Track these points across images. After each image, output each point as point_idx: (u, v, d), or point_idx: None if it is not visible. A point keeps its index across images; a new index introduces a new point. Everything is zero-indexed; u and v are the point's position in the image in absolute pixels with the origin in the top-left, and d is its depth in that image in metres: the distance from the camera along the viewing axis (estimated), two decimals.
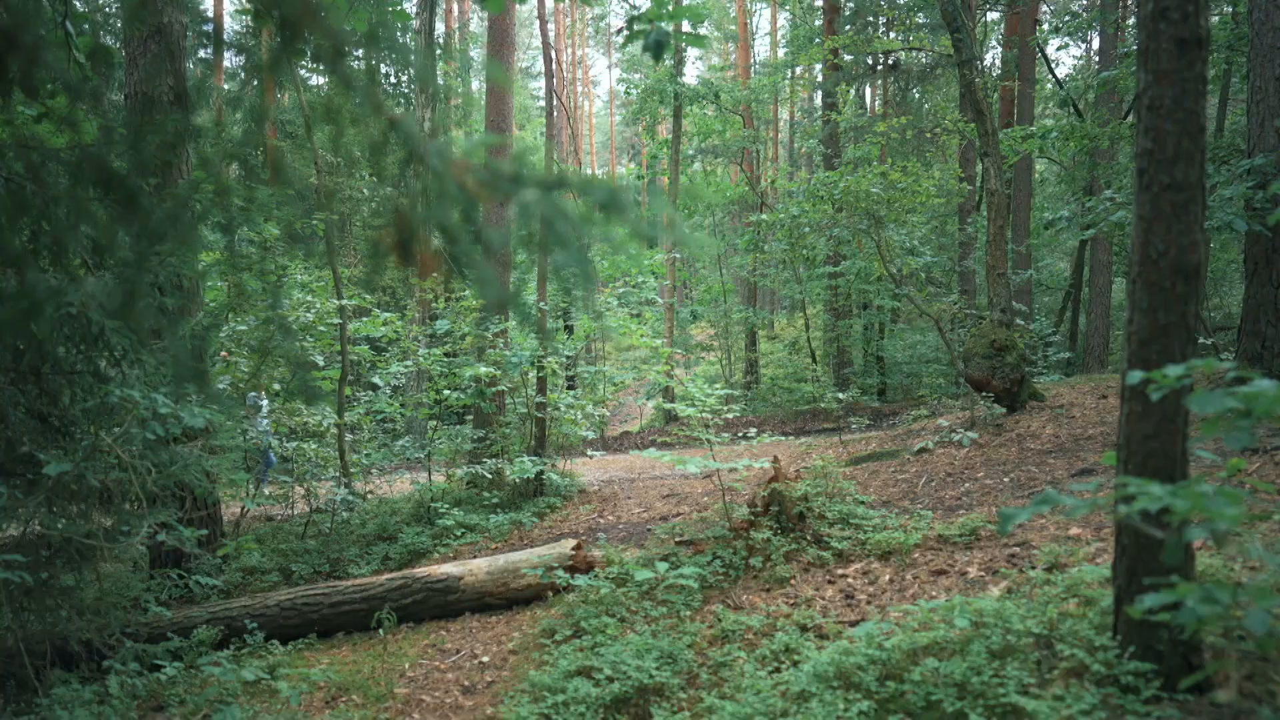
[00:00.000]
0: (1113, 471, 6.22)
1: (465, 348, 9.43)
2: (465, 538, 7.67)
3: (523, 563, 5.67)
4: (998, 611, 3.37)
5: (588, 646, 4.39)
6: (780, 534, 5.34)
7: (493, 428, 9.17)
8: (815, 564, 5.01)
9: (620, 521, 7.65)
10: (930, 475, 7.06)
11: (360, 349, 9.93)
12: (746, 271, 19.01)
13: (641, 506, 8.29)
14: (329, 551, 7.65)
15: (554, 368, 9.06)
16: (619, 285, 11.11)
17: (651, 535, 6.69)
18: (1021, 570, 4.26)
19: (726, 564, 5.18)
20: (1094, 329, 17.10)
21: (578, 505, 8.68)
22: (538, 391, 9.13)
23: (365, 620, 5.60)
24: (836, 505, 5.53)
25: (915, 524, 5.19)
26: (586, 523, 7.82)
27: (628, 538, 6.88)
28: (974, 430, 7.97)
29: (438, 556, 7.45)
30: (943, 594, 4.27)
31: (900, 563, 4.78)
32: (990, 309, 8.41)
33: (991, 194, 8.21)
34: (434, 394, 8.80)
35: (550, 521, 8.08)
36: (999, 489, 6.28)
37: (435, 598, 5.62)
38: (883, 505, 6.29)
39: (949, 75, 19.75)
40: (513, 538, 7.64)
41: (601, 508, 8.43)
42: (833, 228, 8.70)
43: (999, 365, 8.20)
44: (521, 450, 9.37)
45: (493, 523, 7.71)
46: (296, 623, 5.60)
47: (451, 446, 8.92)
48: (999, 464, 6.99)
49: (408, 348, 8.73)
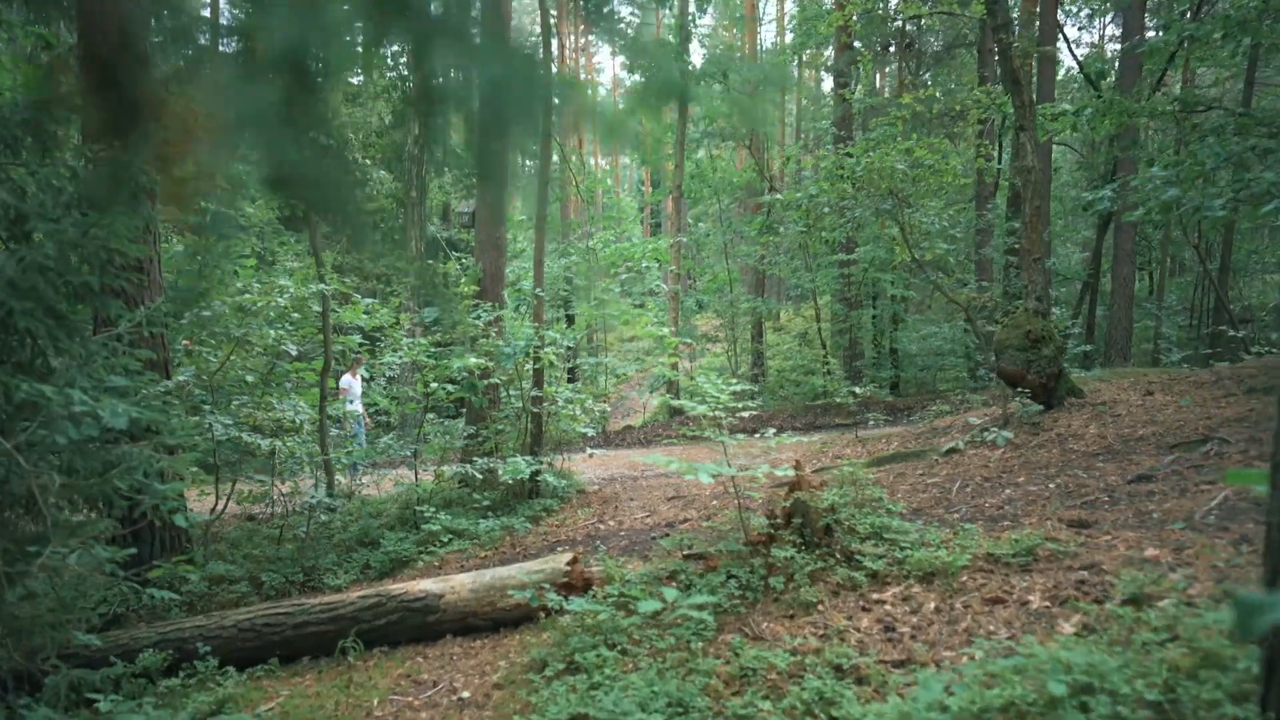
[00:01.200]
0: (1174, 479, 5.58)
1: (457, 336, 8.78)
2: (453, 545, 7.02)
3: (512, 580, 5.01)
4: (1092, 666, 2.71)
5: (583, 687, 3.73)
6: (804, 550, 4.68)
7: (485, 423, 8.52)
8: (846, 586, 4.35)
9: (621, 528, 7.00)
10: (964, 480, 6.40)
11: (349, 339, 9.28)
12: (755, 260, 18.29)
13: (645, 510, 7.64)
14: (304, 559, 7.02)
15: (551, 359, 8.40)
16: (621, 271, 10.43)
17: (656, 546, 6.04)
18: (1098, 602, 3.60)
19: (743, 585, 4.52)
20: (1116, 321, 16.39)
21: (576, 508, 8.02)
22: (534, 384, 8.48)
23: (334, 643, 4.95)
24: (868, 517, 4.87)
25: (960, 540, 4.52)
26: (585, 529, 7.17)
27: (630, 548, 6.23)
28: (1008, 429, 7.30)
29: (422, 565, 6.81)
30: (1002, 628, 3.62)
31: (946, 587, 4.12)
32: (1025, 297, 7.73)
33: (1028, 171, 7.52)
34: (422, 386, 8.15)
35: (546, 527, 7.43)
36: (1045, 496, 5.62)
37: (413, 618, 4.97)
38: (914, 514, 5.63)
39: (964, 57, 19.00)
40: (504, 545, 7.00)
41: (601, 511, 7.77)
42: (854, 207, 8.02)
43: (1035, 358, 7.53)
44: (516, 448, 8.72)
45: (483, 528, 7.06)
46: (256, 645, 4.95)
47: (441, 443, 8.26)
48: (1040, 467, 6.33)
49: (395, 337, 8.07)
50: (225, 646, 4.94)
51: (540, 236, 8.48)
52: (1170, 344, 17.32)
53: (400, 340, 7.80)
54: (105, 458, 4.42)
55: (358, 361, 11.89)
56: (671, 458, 4.66)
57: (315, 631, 4.95)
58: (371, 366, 9.66)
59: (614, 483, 10.84)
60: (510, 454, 8.76)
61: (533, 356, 8.20)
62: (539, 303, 8.28)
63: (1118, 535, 4.39)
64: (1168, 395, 7.64)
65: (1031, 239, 7.65)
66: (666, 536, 6.36)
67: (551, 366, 8.69)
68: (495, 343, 8.02)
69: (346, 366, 9.80)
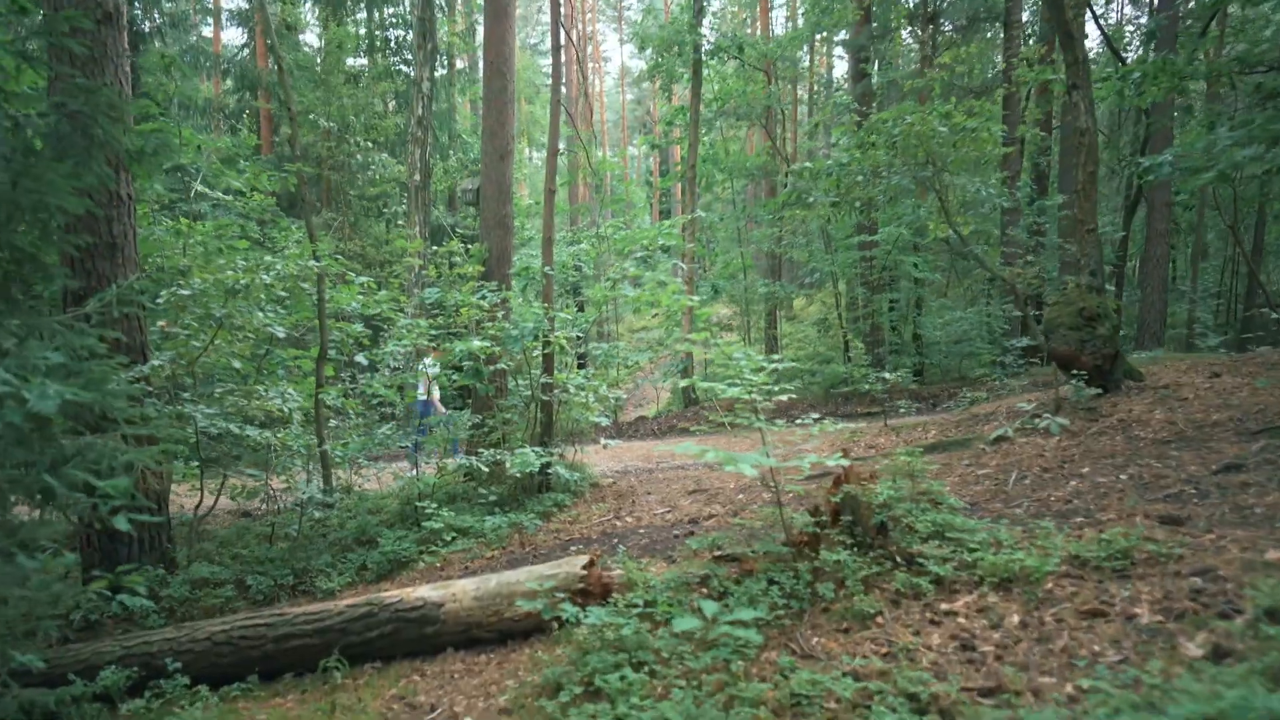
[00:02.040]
0: (1268, 468, 4.95)
1: (460, 322, 8.19)
2: (456, 544, 6.45)
3: (520, 586, 4.43)
4: (1259, 706, 2.11)
5: (605, 718, 3.15)
6: (856, 551, 4.09)
7: (491, 413, 7.94)
8: (907, 594, 3.75)
9: (640, 525, 6.41)
10: (1020, 470, 5.78)
11: (352, 327, 8.69)
12: (771, 243, 17.62)
13: (664, 505, 7.05)
14: (296, 560, 6.46)
15: (562, 343, 7.81)
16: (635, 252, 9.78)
17: (681, 545, 5.45)
18: (1225, 616, 2.99)
19: (787, 593, 3.92)
20: (1150, 303, 15.69)
21: (589, 503, 7.44)
22: (543, 371, 7.90)
23: (320, 657, 4.38)
24: (926, 513, 4.26)
25: (1040, 541, 3.92)
26: (600, 525, 6.58)
27: (651, 547, 5.64)
28: (1061, 415, 6.68)
29: (423, 567, 6.24)
30: (1109, 649, 3.01)
31: (1029, 597, 3.51)
32: (1078, 271, 7.10)
33: (1082, 134, 6.87)
34: (423, 373, 7.57)
35: (557, 524, 6.85)
36: (1117, 489, 5.00)
37: (409, 629, 4.39)
38: (969, 510, 5.02)
39: (987, 31, 18.27)
40: (513, 544, 6.42)
41: (617, 506, 7.19)
42: (891, 175, 7.37)
43: (1090, 338, 6.89)
44: (524, 439, 8.14)
45: (489, 525, 6.48)
46: (232, 661, 4.39)
47: (444, 434, 7.68)
48: (1105, 457, 5.70)
49: (392, 318, 7.48)
50: (198, 662, 4.38)
51: (549, 208, 7.87)
52: (1205, 328, 16.62)
53: (399, 324, 7.20)
54: (50, 449, 3.86)
55: (433, 348, 11.37)
56: (706, 447, 4.07)
57: (299, 645, 4.38)
58: (372, 355, 9.08)
59: (628, 475, 10.26)
60: (518, 444, 8.19)
61: (542, 340, 7.62)
62: (549, 282, 7.68)
63: (1222, 534, 3.78)
64: (1237, 377, 6.99)
65: (1085, 208, 7.00)
66: (691, 535, 5.77)
67: (562, 352, 8.10)
68: (502, 325, 7.43)
69: (407, 347, 8.99)
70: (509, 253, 9.08)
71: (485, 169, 9.27)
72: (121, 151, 4.03)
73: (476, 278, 8.47)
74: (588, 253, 18.94)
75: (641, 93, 63.25)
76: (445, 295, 7.69)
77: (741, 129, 22.94)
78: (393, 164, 18.23)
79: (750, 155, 21.57)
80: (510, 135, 9.35)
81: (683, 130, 19.38)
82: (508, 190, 9.27)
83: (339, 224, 17.73)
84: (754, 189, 27.09)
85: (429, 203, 16.29)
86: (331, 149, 17.43)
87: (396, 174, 17.90)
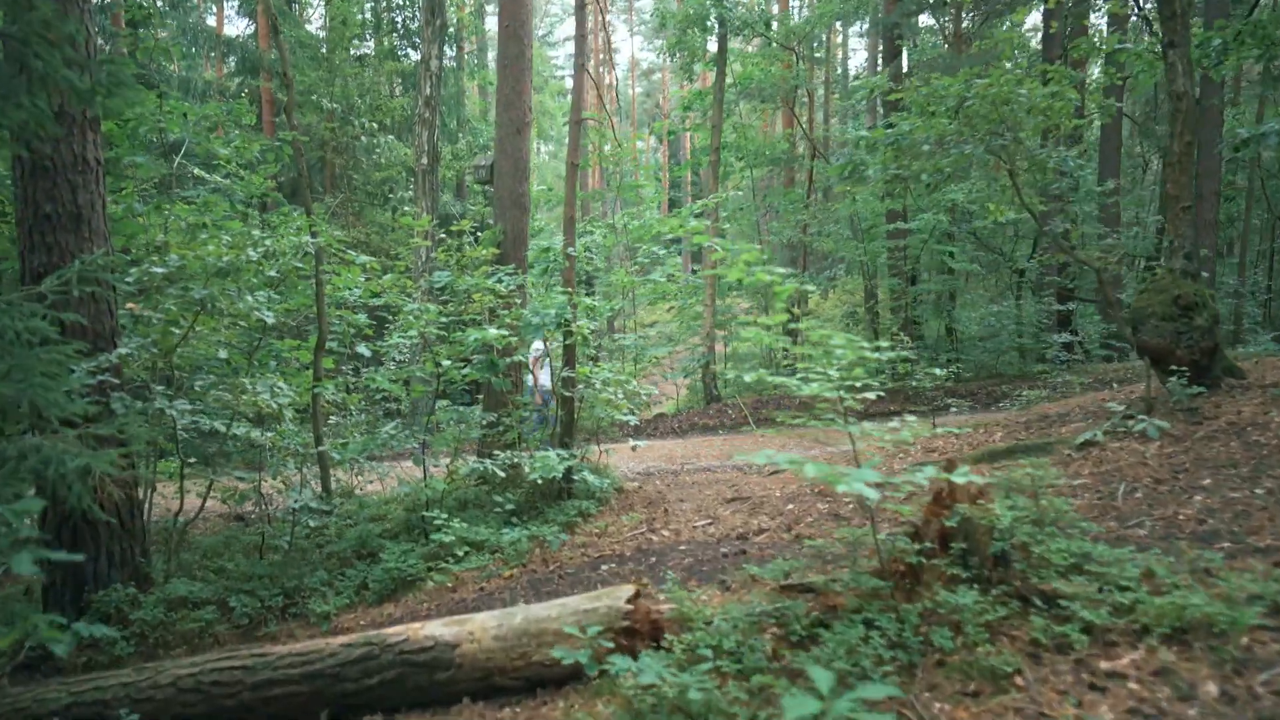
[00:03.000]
0: None
1: (474, 310, 7.40)
2: (470, 560, 5.67)
3: (551, 622, 3.64)
4: None
5: None
6: (972, 586, 3.29)
7: (506, 410, 7.17)
8: (1048, 646, 2.96)
9: (680, 540, 5.62)
10: (1128, 482, 4.97)
11: (355, 317, 7.91)
12: (796, 232, 16.75)
13: (703, 515, 6.26)
14: (286, 577, 5.70)
15: (585, 333, 7.02)
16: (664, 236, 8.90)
17: (733, 567, 4.67)
18: None
19: (892, 640, 3.13)
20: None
21: (617, 512, 6.66)
22: (565, 364, 7.11)
23: (309, 707, 3.61)
24: (1056, 541, 3.46)
25: (1221, 579, 3.12)
26: (632, 540, 5.79)
27: (697, 569, 4.85)
28: (1156, 416, 5.87)
29: (432, 586, 5.46)
30: None
31: (1220, 656, 2.72)
32: (1169, 255, 6.28)
33: (1179, 98, 6.05)
34: (431, 366, 6.80)
35: (583, 536, 6.06)
36: (1258, 505, 4.20)
37: (416, 675, 3.61)
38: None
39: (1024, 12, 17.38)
40: (534, 560, 5.63)
41: (649, 516, 6.40)
42: (962, 143, 6.55)
43: (1186, 329, 6.07)
44: (544, 439, 7.36)
45: (507, 539, 5.70)
46: (202, 712, 3.62)
47: (455, 433, 6.90)
48: (1225, 466, 4.90)
49: (395, 302, 6.70)
50: (161, 711, 3.62)
51: (572, 184, 7.09)
52: (1254, 324, 15.77)
53: (405, 310, 6.41)
54: None
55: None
56: (796, 456, 3.27)
57: (283, 693, 3.60)
58: (375, 346, 8.30)
59: (653, 478, 9.48)
60: (536, 445, 7.41)
61: (564, 330, 6.84)
62: (570, 264, 6.89)
63: None
64: None
65: (1179, 182, 6.19)
66: (742, 554, 4.99)
67: (585, 343, 7.32)
68: (520, 312, 6.65)
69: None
70: (525, 235, 8.29)
71: (500, 143, 8.47)
72: (67, 88, 3.23)
73: (490, 262, 7.69)
74: (600, 244, 18.14)
75: (651, 85, 62.55)
76: (456, 280, 6.90)
77: (760, 116, 22.09)
78: (399, 147, 17.43)
79: (773, 139, 20.71)
80: (527, 106, 8.55)
81: (701, 115, 18.55)
82: (525, 166, 8.47)
83: (341, 209, 16.95)
84: (769, 180, 26.24)
85: (437, 188, 15.50)
86: (334, 130, 16.64)
87: (403, 157, 17.12)
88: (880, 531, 4.09)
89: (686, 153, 44.45)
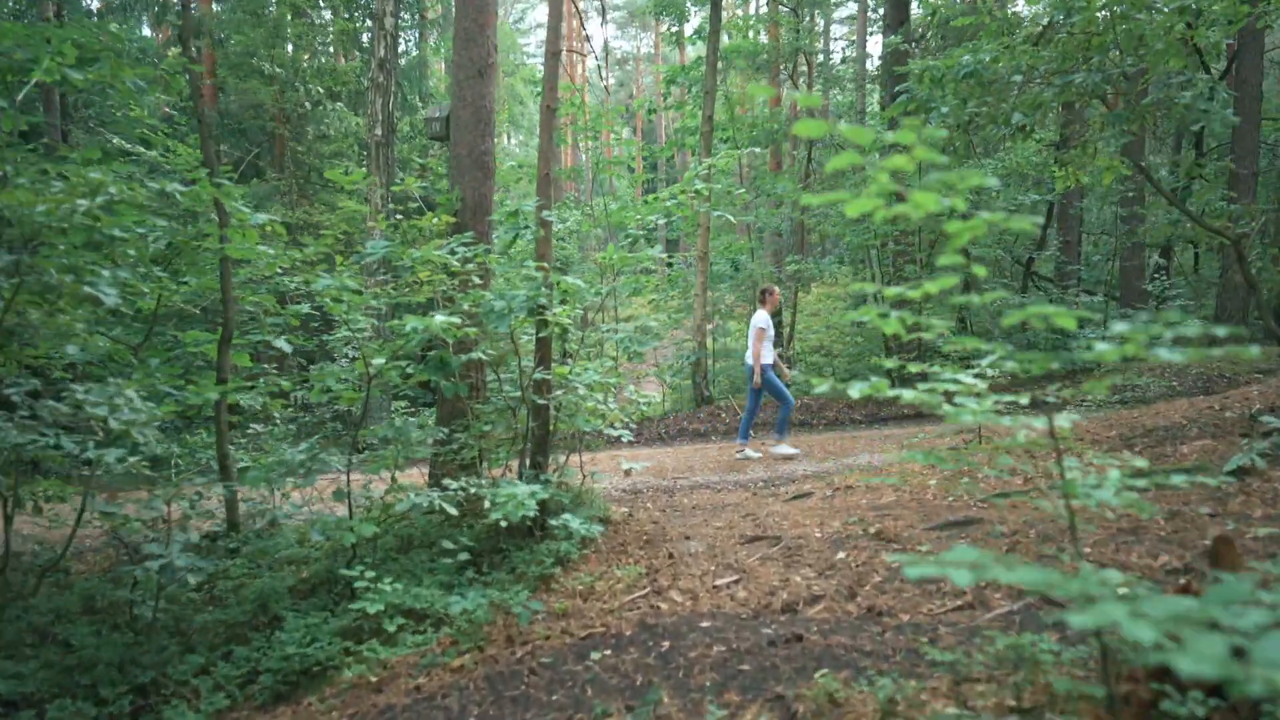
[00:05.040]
0: None
1: (425, 293, 5.79)
2: (405, 640, 4.05)
3: None
4: None
5: None
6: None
7: (464, 421, 5.57)
8: None
9: (699, 610, 4.05)
10: None
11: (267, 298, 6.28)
12: (799, 212, 15.22)
13: (722, 564, 4.69)
14: (145, 659, 4.05)
15: (564, 323, 5.43)
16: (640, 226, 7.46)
17: (791, 670, 3.13)
18: None
19: None
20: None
21: (606, 557, 5.08)
22: (537, 362, 5.53)
23: None
24: None
25: None
26: (631, 608, 4.21)
27: (733, 669, 3.29)
28: None
29: (350, 679, 3.84)
30: None
31: None
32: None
33: None
34: (362, 366, 5.16)
35: (563, 598, 4.46)
36: None
37: None
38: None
39: None
40: (496, 640, 4.02)
41: (650, 565, 4.82)
42: (1074, 72, 5.00)
43: None
44: (510, 456, 5.77)
45: (457, 608, 4.07)
46: None
47: (393, 454, 5.26)
48: None
49: (310, 280, 5.04)
50: None
51: (548, 131, 5.51)
52: None
53: (316, 286, 4.72)
54: None
55: (768, 293, 9.52)
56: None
57: None
58: (297, 339, 6.65)
59: (642, 497, 7.92)
60: (499, 462, 5.81)
61: (536, 318, 5.25)
62: (546, 232, 5.31)
63: None
64: None
65: None
66: (796, 639, 3.43)
67: (564, 335, 5.74)
68: (479, 295, 5.04)
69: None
70: (489, 201, 6.68)
71: (457, 88, 6.84)
72: None
73: (446, 233, 6.08)
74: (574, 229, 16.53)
75: (625, 75, 61.20)
76: (399, 252, 5.28)
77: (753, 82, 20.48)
78: (350, 116, 15.65)
79: (758, 122, 19.21)
80: (492, 43, 6.93)
81: (689, 89, 17.02)
82: (488, 118, 6.85)
83: (287, 189, 15.15)
84: (752, 164, 24.73)
85: (393, 162, 13.78)
86: (276, 96, 14.81)
87: (355, 128, 15.35)
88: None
89: (663, 140, 42.91)
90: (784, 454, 9.25)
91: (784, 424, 9.43)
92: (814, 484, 7.44)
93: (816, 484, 7.33)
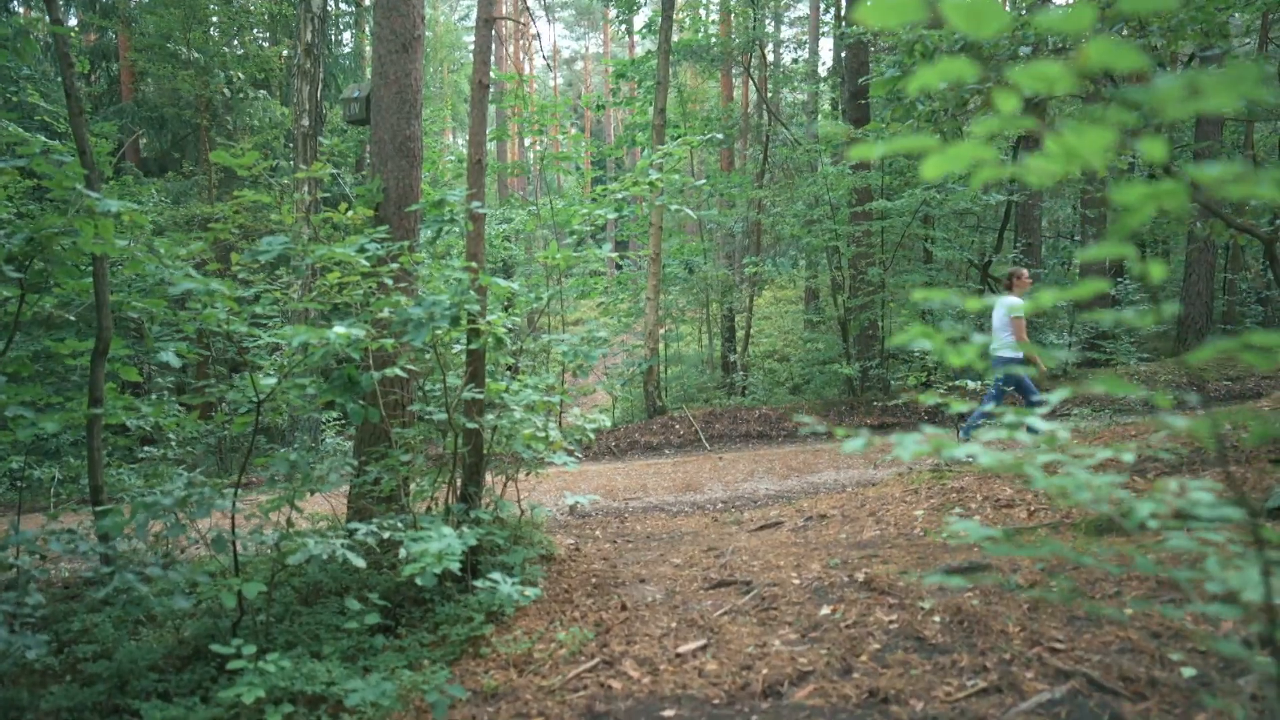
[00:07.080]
0: None
1: (344, 296, 4.93)
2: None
3: None
4: None
5: None
6: None
7: (381, 449, 4.74)
8: None
9: (659, 691, 3.28)
10: None
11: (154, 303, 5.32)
12: (755, 210, 14.59)
13: (685, 621, 3.94)
14: None
15: (498, 334, 4.63)
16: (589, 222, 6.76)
17: None
18: None
19: None
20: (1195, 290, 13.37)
21: (547, 613, 4.30)
22: (468, 378, 4.73)
23: None
24: None
25: None
26: (578, 687, 3.43)
27: None
28: None
29: None
30: None
31: None
32: None
33: None
34: (252, 385, 4.29)
35: (493, 675, 3.66)
36: None
37: None
38: None
39: None
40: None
41: (599, 626, 4.05)
42: (1110, 30, 4.33)
43: None
44: (437, 486, 4.96)
45: (358, 698, 3.24)
46: None
47: (294, 491, 4.40)
48: None
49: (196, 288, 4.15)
50: None
51: (480, 111, 4.73)
52: None
53: (179, 288, 3.82)
54: None
55: (1017, 277, 8.04)
56: None
57: None
58: (183, 351, 5.71)
59: (590, 523, 7.16)
60: (424, 494, 5.00)
61: (465, 326, 4.45)
62: (478, 226, 4.51)
63: None
64: None
65: None
66: None
67: (499, 346, 4.94)
68: (397, 299, 4.22)
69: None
70: (415, 192, 5.84)
71: (379, 64, 6.00)
72: None
73: (364, 226, 5.23)
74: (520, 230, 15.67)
75: (573, 75, 60.57)
76: (300, 249, 4.43)
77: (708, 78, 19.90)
78: (275, 106, 14.56)
79: (711, 116, 18.59)
80: (419, 13, 6.10)
81: (640, 82, 16.33)
82: (414, 98, 6.01)
83: (206, 184, 13.99)
84: (702, 162, 24.15)
85: (319, 155, 12.75)
86: (194, 82, 13.66)
87: (281, 119, 14.27)
88: None
89: (611, 139, 42.17)
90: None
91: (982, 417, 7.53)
92: (780, 508, 6.76)
93: (784, 509, 6.65)
